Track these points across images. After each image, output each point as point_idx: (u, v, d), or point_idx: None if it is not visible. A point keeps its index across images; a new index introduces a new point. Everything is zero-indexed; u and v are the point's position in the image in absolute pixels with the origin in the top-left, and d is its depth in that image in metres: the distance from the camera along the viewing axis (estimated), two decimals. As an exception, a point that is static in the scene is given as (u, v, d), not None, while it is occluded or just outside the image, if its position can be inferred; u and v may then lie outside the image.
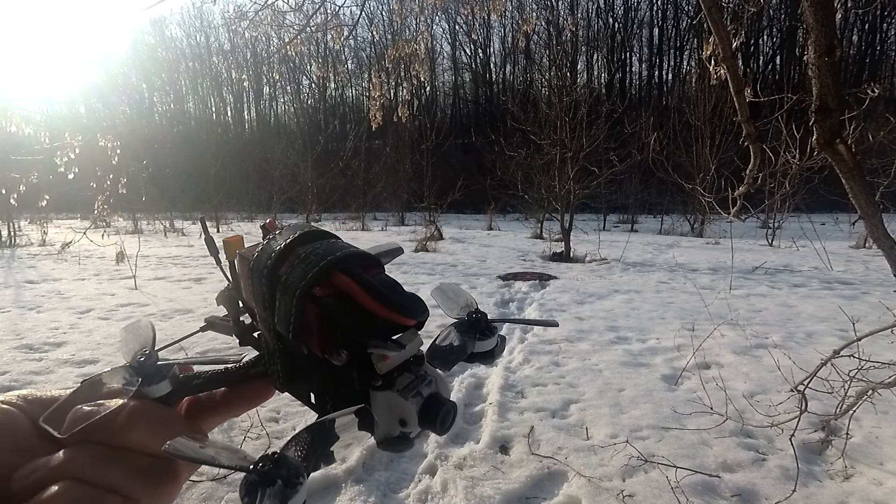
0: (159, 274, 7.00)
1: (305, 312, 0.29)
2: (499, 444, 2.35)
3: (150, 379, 0.30)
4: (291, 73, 30.33)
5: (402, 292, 0.30)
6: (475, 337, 0.34)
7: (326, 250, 0.30)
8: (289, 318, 0.29)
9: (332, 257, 0.30)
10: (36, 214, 12.46)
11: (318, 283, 0.29)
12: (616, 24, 30.59)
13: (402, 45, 5.04)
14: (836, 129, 1.42)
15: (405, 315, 0.29)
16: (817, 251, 7.24)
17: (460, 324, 0.35)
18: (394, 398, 0.29)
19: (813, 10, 1.34)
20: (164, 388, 0.30)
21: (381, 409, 0.29)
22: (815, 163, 1.96)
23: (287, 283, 0.29)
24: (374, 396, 0.29)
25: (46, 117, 5.71)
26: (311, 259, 0.30)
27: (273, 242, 0.32)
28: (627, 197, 15.76)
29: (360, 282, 0.29)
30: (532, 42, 27.58)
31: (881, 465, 2.13)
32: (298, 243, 0.31)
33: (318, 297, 0.29)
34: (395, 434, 0.30)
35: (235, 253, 0.34)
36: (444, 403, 0.30)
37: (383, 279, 0.30)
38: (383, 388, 0.29)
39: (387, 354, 0.29)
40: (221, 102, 34.69)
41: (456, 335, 0.34)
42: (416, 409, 0.29)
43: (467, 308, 0.36)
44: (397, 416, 0.29)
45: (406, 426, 0.29)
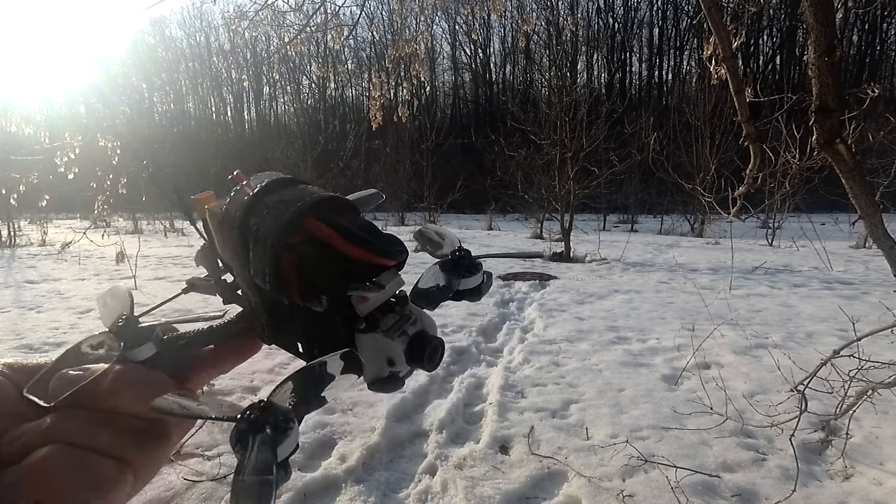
0: (159, 274, 7.00)
1: (280, 261, 0.28)
2: (499, 444, 2.35)
3: (133, 342, 0.30)
4: (291, 73, 30.33)
5: (379, 233, 0.30)
6: (460, 274, 0.34)
7: (296, 196, 0.30)
8: (264, 269, 0.29)
9: (302, 203, 0.29)
10: (36, 214, 12.45)
11: (291, 230, 0.28)
12: (616, 24, 30.60)
13: (402, 45, 5.04)
14: (836, 129, 1.42)
15: (383, 256, 0.29)
16: (817, 251, 7.24)
17: (444, 263, 0.34)
18: (379, 339, 0.29)
19: (813, 10, 1.34)
20: (147, 350, 0.30)
21: (367, 350, 0.29)
22: (815, 163, 1.96)
23: (258, 234, 0.29)
24: (360, 339, 0.29)
25: (46, 117, 5.71)
26: (281, 207, 0.29)
27: (241, 193, 0.31)
28: (627, 197, 15.77)
29: (334, 226, 0.29)
30: (532, 42, 27.60)
31: (881, 465, 2.13)
32: (267, 192, 0.30)
33: (292, 245, 0.28)
34: (385, 374, 0.29)
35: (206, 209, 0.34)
36: (431, 340, 0.30)
37: (359, 222, 0.30)
38: (368, 329, 0.29)
39: (366, 296, 0.29)
40: (221, 102, 34.70)
41: (440, 274, 0.34)
42: (402, 347, 0.29)
43: (450, 244, 0.36)
44: (384, 356, 0.29)
45: (394, 365, 0.29)
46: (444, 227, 0.38)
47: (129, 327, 0.31)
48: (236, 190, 0.32)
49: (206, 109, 34.77)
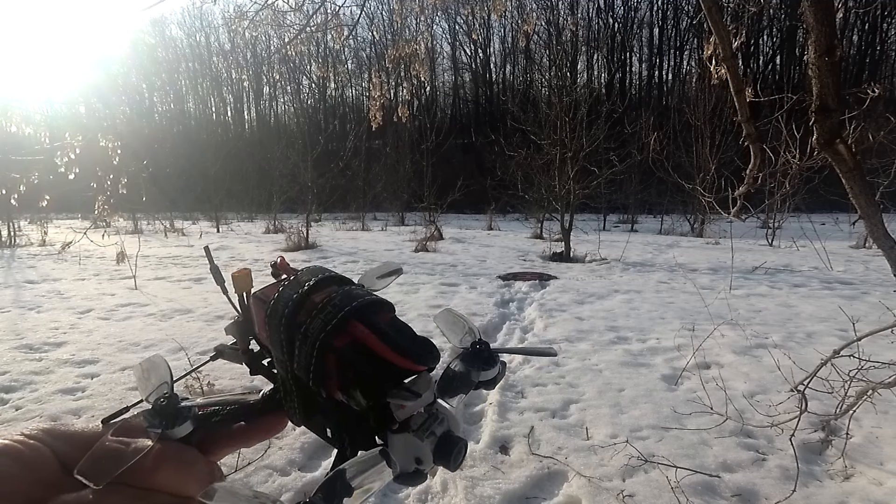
0: (159, 274, 7.01)
1: (325, 360, 0.31)
2: (499, 444, 2.35)
3: (173, 421, 0.32)
4: (291, 73, 30.35)
5: (414, 338, 0.32)
6: (479, 367, 0.35)
7: (343, 300, 0.32)
8: (309, 366, 0.31)
9: (349, 307, 0.32)
10: (36, 214, 12.47)
11: (337, 332, 0.31)
12: (616, 24, 30.61)
13: (402, 45, 5.04)
14: (836, 129, 1.42)
15: (418, 362, 0.31)
16: (817, 251, 7.23)
17: (465, 355, 0.36)
18: (410, 440, 0.31)
19: (813, 10, 1.34)
20: (186, 428, 0.32)
21: (398, 449, 0.31)
22: (815, 163, 1.96)
23: (307, 333, 0.31)
24: (392, 438, 0.31)
25: (46, 117, 5.70)
26: (329, 309, 0.32)
27: (289, 289, 0.34)
28: (627, 197, 15.76)
29: (375, 331, 0.31)
30: (532, 42, 27.61)
31: (881, 465, 2.13)
32: (315, 290, 0.33)
33: (337, 346, 0.31)
34: (411, 470, 0.31)
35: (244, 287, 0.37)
36: (457, 442, 0.32)
37: (396, 325, 0.33)
38: (400, 430, 0.31)
39: (404, 405, 0.31)
40: (221, 102, 34.72)
41: (460, 365, 0.36)
42: (430, 448, 0.31)
43: (469, 334, 0.38)
44: (413, 455, 0.31)
45: (421, 464, 0.31)
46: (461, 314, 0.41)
47: (171, 406, 0.32)
48: (285, 284, 0.35)
49: (206, 109, 34.80)
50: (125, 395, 2.86)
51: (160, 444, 0.30)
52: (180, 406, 0.33)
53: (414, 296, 5.46)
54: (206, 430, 0.34)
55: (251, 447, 0.36)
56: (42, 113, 5.80)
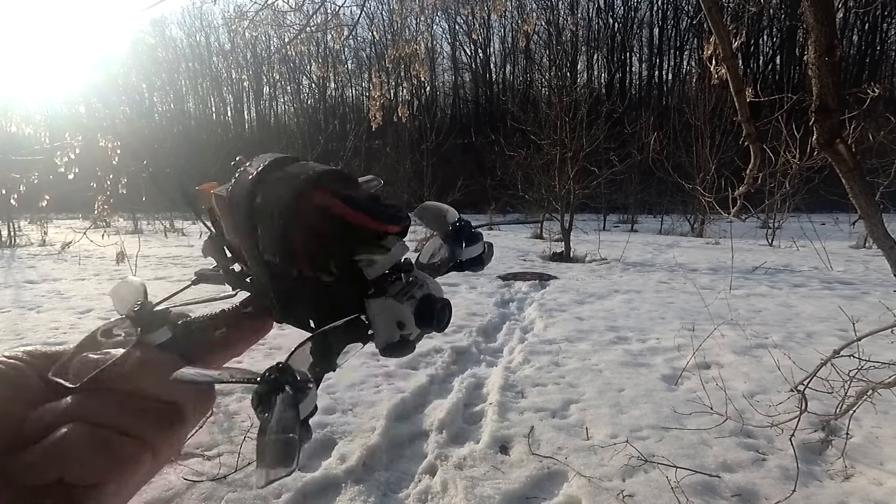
0: (159, 274, 7.01)
1: (289, 234, 0.29)
2: (499, 444, 2.35)
3: (149, 326, 0.31)
4: (291, 73, 30.33)
5: (383, 202, 0.31)
6: (461, 244, 0.34)
7: (300, 170, 0.31)
8: (274, 242, 0.30)
9: (306, 175, 0.30)
10: (36, 214, 12.45)
11: (297, 201, 0.29)
12: (616, 24, 30.62)
13: (402, 45, 5.04)
14: (836, 129, 1.42)
15: (388, 222, 0.30)
16: (817, 251, 7.24)
17: (445, 235, 0.35)
18: (388, 303, 0.30)
19: (813, 10, 1.34)
20: (163, 334, 0.31)
21: (377, 315, 0.30)
22: (815, 163, 1.96)
23: (266, 210, 0.30)
24: (370, 304, 0.30)
25: (46, 117, 5.70)
26: (287, 181, 0.30)
27: (244, 174, 0.32)
28: (627, 197, 15.77)
29: (339, 196, 0.30)
30: (532, 42, 27.61)
31: (881, 465, 2.13)
32: (270, 170, 0.31)
33: (299, 217, 0.29)
34: (396, 338, 0.30)
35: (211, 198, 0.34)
36: (438, 301, 0.31)
37: (362, 192, 0.31)
38: (377, 295, 0.30)
39: (373, 258, 0.30)
40: (221, 102, 34.72)
41: (442, 246, 0.35)
42: (411, 310, 0.30)
43: (450, 217, 0.37)
44: (394, 320, 0.30)
45: (404, 329, 0.30)
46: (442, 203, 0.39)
47: (145, 312, 0.31)
48: (240, 171, 0.32)
49: (206, 109, 34.80)
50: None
51: (139, 350, 0.29)
52: (155, 311, 0.31)
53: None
54: (187, 338, 0.32)
55: (239, 354, 0.35)
56: (42, 113, 5.81)
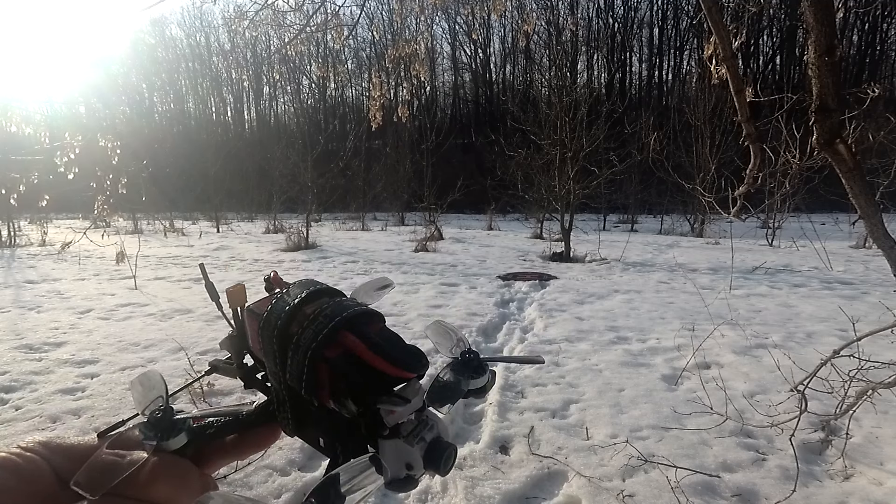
0: (159, 274, 7.00)
1: (317, 370, 0.32)
2: (499, 444, 2.35)
3: (168, 434, 0.32)
4: (291, 73, 30.34)
5: (404, 347, 0.33)
6: (469, 375, 0.36)
7: (334, 311, 0.33)
8: (301, 375, 0.32)
9: (339, 318, 0.32)
10: (36, 214, 12.46)
11: (328, 342, 0.32)
12: (616, 24, 30.61)
13: (402, 45, 5.04)
14: (836, 128, 1.42)
15: (407, 370, 0.32)
16: (817, 251, 7.23)
17: (455, 364, 0.38)
18: (401, 445, 0.32)
19: (813, 10, 1.34)
20: (180, 440, 0.32)
21: (389, 455, 0.32)
22: (815, 163, 1.96)
23: (299, 343, 0.32)
24: (382, 444, 0.32)
25: (46, 117, 5.70)
26: (321, 320, 0.32)
27: (282, 302, 0.35)
28: (627, 197, 15.76)
29: (365, 341, 0.32)
30: (532, 42, 27.61)
31: (881, 465, 2.13)
32: (306, 302, 0.34)
33: (328, 357, 0.32)
34: (402, 476, 0.32)
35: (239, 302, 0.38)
36: (446, 448, 0.33)
37: (386, 335, 0.33)
38: (390, 436, 0.32)
39: (394, 410, 0.32)
40: (221, 102, 34.72)
41: (450, 374, 0.37)
42: (421, 453, 0.32)
43: (459, 344, 0.39)
44: (404, 461, 0.32)
45: (412, 469, 0.32)
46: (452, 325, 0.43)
47: (166, 419, 0.33)
48: (277, 297, 0.35)
49: (206, 109, 34.81)
50: (125, 396, 2.86)
51: (155, 457, 0.30)
52: (175, 418, 0.33)
53: (414, 296, 5.46)
54: (200, 442, 0.34)
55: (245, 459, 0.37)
56: (42, 113, 5.81)
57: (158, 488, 0.30)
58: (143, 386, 0.36)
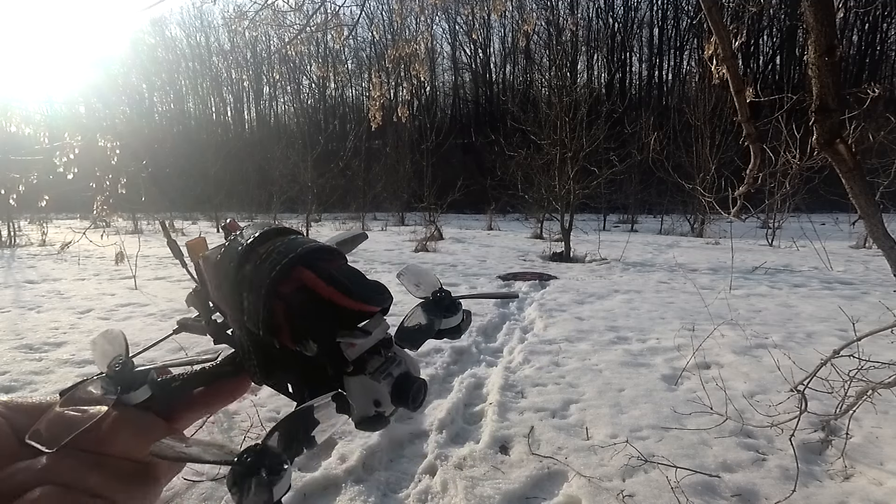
0: (159, 274, 7.00)
1: (273, 309, 0.30)
2: (499, 444, 2.35)
3: (129, 386, 0.31)
4: (291, 73, 30.33)
5: (365, 281, 0.31)
6: (441, 315, 0.35)
7: (288, 247, 0.31)
8: (258, 316, 0.30)
9: (293, 254, 0.31)
10: (36, 214, 12.46)
11: (283, 279, 0.30)
12: (616, 24, 30.61)
13: (402, 45, 5.04)
14: (836, 128, 1.42)
15: (369, 304, 0.31)
16: (817, 251, 7.23)
17: (426, 303, 0.36)
18: (366, 381, 0.30)
19: (813, 10, 1.34)
20: (143, 393, 0.31)
21: (355, 392, 0.31)
22: (815, 163, 1.96)
23: (252, 282, 0.30)
24: (348, 381, 0.31)
25: (46, 117, 5.71)
26: (274, 257, 0.31)
27: (235, 243, 0.33)
28: (627, 197, 15.77)
29: (322, 275, 0.30)
30: (532, 42, 27.61)
31: (881, 465, 2.13)
32: (260, 242, 0.32)
33: (283, 293, 0.30)
34: (371, 414, 0.31)
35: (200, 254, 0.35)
36: (414, 381, 0.31)
37: (346, 270, 0.32)
38: (355, 372, 0.31)
39: (354, 342, 0.30)
40: (221, 102, 34.72)
41: (422, 314, 0.35)
42: (388, 389, 0.30)
43: (431, 285, 0.38)
44: (371, 398, 0.30)
45: (380, 406, 0.31)
46: (424, 267, 0.40)
47: (126, 371, 0.32)
48: (230, 240, 0.33)
49: (206, 109, 34.80)
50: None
51: (116, 410, 0.29)
52: (136, 371, 0.32)
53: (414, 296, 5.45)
54: (166, 396, 0.33)
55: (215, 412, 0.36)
56: (42, 113, 5.82)
57: (120, 441, 0.29)
58: (103, 344, 0.34)
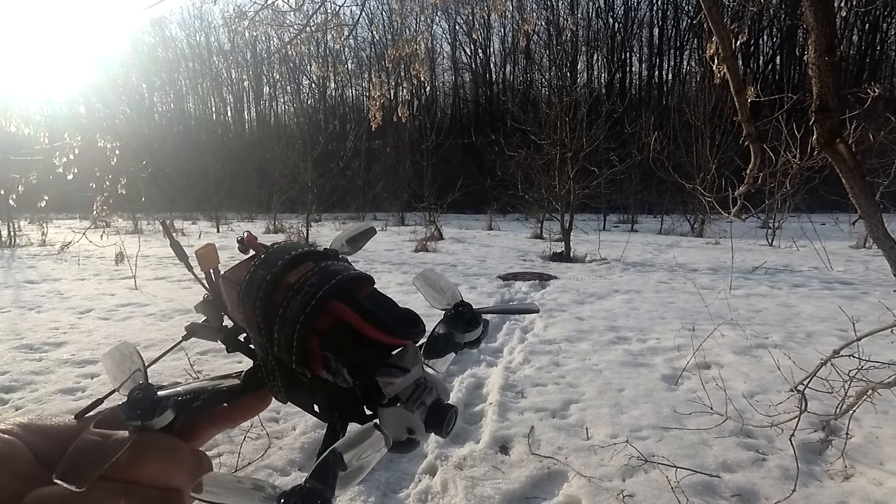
0: (159, 274, 7.00)
1: (307, 343, 0.30)
2: (499, 444, 2.35)
3: (152, 413, 0.30)
4: (291, 73, 30.30)
5: (398, 312, 0.31)
6: (463, 329, 0.35)
7: (320, 279, 0.31)
8: (291, 349, 0.30)
9: (327, 286, 0.31)
10: (36, 214, 12.45)
11: (317, 314, 0.30)
12: (616, 24, 30.60)
13: (402, 45, 5.04)
14: (837, 128, 1.42)
15: (403, 337, 0.31)
16: (817, 251, 7.23)
17: (447, 317, 0.36)
18: (401, 412, 0.31)
19: (813, 10, 1.34)
20: (166, 418, 0.30)
21: (389, 422, 0.31)
22: (816, 163, 1.96)
23: (285, 317, 0.30)
24: (382, 412, 0.31)
25: (46, 117, 5.71)
26: (307, 290, 0.30)
27: (261, 270, 0.32)
28: (627, 197, 15.76)
29: (357, 309, 0.30)
30: (532, 42, 27.60)
31: (881, 465, 2.13)
32: (288, 269, 0.32)
33: (319, 329, 0.30)
34: (403, 439, 0.31)
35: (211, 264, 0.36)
36: (447, 410, 0.31)
37: (377, 299, 0.32)
38: (390, 404, 0.31)
39: (392, 381, 0.30)
40: (221, 102, 34.70)
41: (444, 328, 0.35)
42: (421, 417, 0.31)
43: (451, 297, 0.38)
44: (405, 427, 0.31)
45: (413, 434, 0.31)
46: (442, 275, 0.40)
47: (148, 397, 0.30)
48: (255, 265, 0.33)
49: (206, 109, 34.79)
50: (125, 396, 2.86)
51: (140, 437, 0.29)
52: (158, 396, 0.31)
53: (414, 296, 5.45)
54: (188, 415, 0.32)
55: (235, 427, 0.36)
56: (42, 113, 5.81)
57: (148, 468, 0.28)
58: (115, 360, 0.34)
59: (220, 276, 0.35)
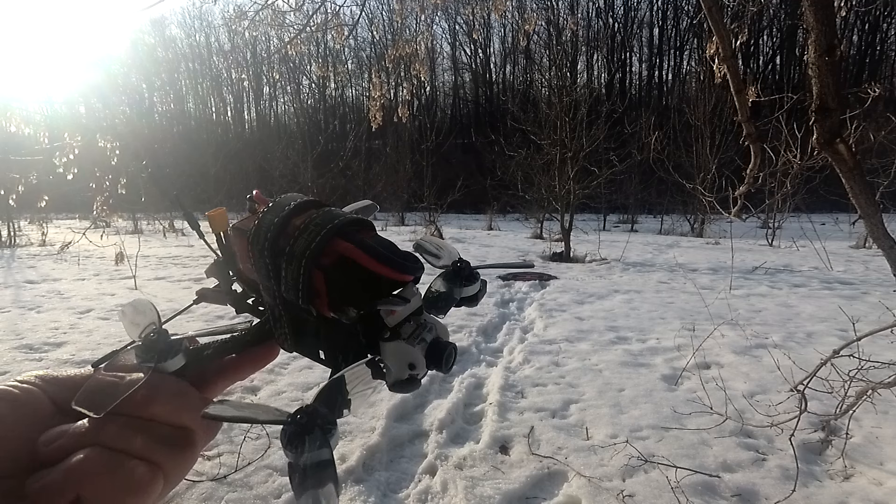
0: (159, 274, 7.00)
1: (313, 279, 0.31)
2: (499, 444, 2.35)
3: (165, 355, 0.32)
4: (291, 73, 30.32)
5: (399, 251, 0.33)
6: (461, 283, 0.37)
7: (324, 219, 0.33)
8: (297, 286, 0.31)
9: (331, 225, 0.32)
10: (35, 214, 12.45)
11: (322, 250, 0.31)
12: (616, 24, 30.61)
13: (402, 45, 5.03)
14: (837, 128, 1.42)
15: (406, 273, 0.32)
16: (817, 251, 7.24)
17: (446, 273, 0.38)
18: (402, 346, 0.32)
19: (813, 10, 1.34)
20: (178, 362, 0.33)
21: (391, 356, 0.32)
22: (816, 162, 1.96)
23: (292, 254, 0.32)
24: (384, 346, 0.32)
25: (46, 117, 5.71)
26: (312, 229, 0.32)
27: (269, 215, 0.34)
28: (627, 197, 15.77)
29: (360, 246, 0.32)
30: (532, 42, 27.60)
31: (881, 465, 2.13)
32: (295, 213, 0.33)
33: (323, 264, 0.31)
34: (405, 377, 0.32)
35: (221, 226, 0.37)
36: (447, 346, 0.33)
37: (380, 241, 0.33)
38: (392, 338, 0.32)
39: (394, 309, 0.32)
40: (221, 102, 34.68)
41: (443, 283, 0.37)
42: (422, 353, 0.32)
43: (449, 256, 0.39)
44: (406, 362, 0.32)
45: (414, 369, 0.32)
46: (441, 239, 0.42)
47: (161, 340, 0.33)
48: (263, 212, 0.34)
49: (206, 109, 34.77)
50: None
51: (153, 377, 0.30)
52: (171, 340, 0.33)
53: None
54: (197, 365, 0.34)
55: (245, 378, 0.37)
56: (42, 113, 5.82)
57: (160, 407, 0.30)
58: (133, 315, 0.35)
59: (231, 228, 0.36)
